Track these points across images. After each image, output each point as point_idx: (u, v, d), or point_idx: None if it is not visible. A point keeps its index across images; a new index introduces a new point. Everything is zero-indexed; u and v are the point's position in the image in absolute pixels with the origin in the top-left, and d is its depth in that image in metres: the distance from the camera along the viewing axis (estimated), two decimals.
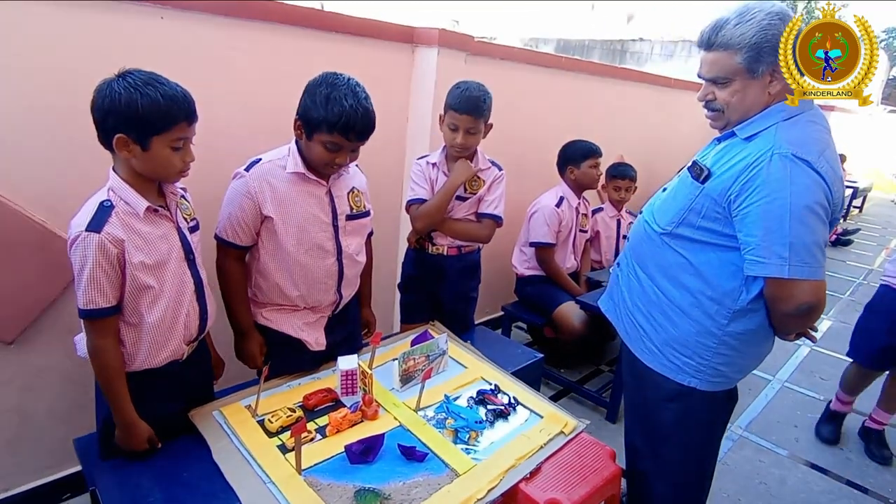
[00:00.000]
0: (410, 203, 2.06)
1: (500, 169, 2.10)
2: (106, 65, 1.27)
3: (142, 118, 1.15)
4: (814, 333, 1.40)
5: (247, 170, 1.52)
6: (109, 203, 1.21)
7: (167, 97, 1.18)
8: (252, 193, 1.51)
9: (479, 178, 2.04)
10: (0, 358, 1.62)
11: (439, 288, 2.15)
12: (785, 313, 1.22)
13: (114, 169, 1.25)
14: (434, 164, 2.06)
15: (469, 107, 1.88)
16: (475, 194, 2.04)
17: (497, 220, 2.07)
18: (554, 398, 2.74)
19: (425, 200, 2.03)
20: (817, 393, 3.08)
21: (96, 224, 1.17)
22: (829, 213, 1.17)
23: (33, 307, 1.63)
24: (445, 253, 2.10)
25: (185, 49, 1.73)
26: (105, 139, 1.20)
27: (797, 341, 1.49)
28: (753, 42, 1.17)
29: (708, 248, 1.29)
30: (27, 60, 1.47)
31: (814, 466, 2.42)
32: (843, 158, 7.56)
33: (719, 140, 1.34)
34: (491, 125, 2.00)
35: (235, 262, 1.62)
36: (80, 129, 1.59)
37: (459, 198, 2.03)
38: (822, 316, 3.75)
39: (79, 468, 1.68)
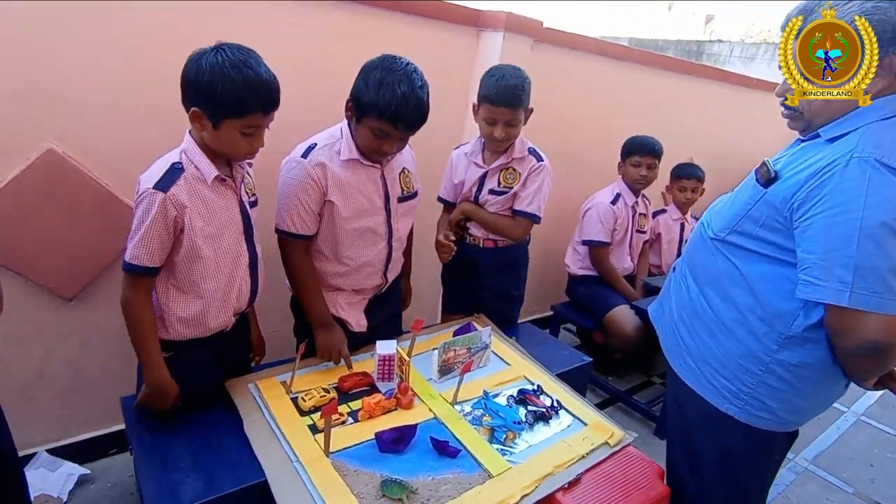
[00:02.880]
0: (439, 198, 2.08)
1: (541, 160, 1.88)
2: (171, 36, 1.28)
3: (218, 100, 1.16)
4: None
5: (304, 156, 1.48)
6: (180, 165, 1.23)
7: (249, 84, 1.16)
8: (316, 178, 1.47)
9: (514, 169, 1.88)
10: (61, 313, 1.69)
11: (475, 281, 2.04)
12: (847, 350, 1.03)
13: (190, 132, 1.27)
14: (466, 154, 1.94)
15: (506, 98, 1.70)
16: (510, 188, 1.88)
17: (533, 219, 1.89)
18: (600, 406, 2.59)
19: (445, 200, 2.05)
20: None
21: (164, 184, 1.19)
22: None
23: (93, 266, 1.68)
24: (481, 245, 1.99)
25: (250, 24, 1.73)
26: (185, 106, 1.22)
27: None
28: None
29: (764, 260, 1.13)
30: (98, 30, 1.51)
31: None
32: None
33: (803, 140, 1.17)
34: (531, 110, 1.83)
35: (304, 254, 1.57)
36: (149, 98, 1.63)
37: (493, 192, 1.90)
38: None
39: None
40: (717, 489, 1.31)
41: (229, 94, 1.15)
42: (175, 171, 1.21)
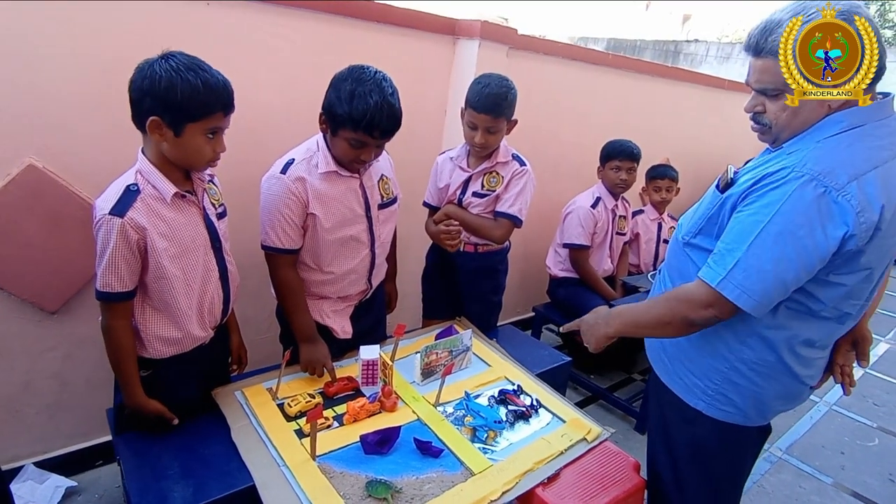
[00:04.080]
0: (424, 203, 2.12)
1: (523, 164, 1.95)
2: (151, 50, 1.31)
3: (179, 103, 1.14)
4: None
5: (283, 172, 1.49)
6: (136, 187, 1.21)
7: (207, 85, 1.16)
8: (296, 192, 1.49)
9: (497, 173, 1.94)
10: (44, 327, 1.69)
11: (454, 284, 2.08)
12: (690, 320, 1.13)
13: (143, 151, 1.25)
14: (452, 159, 2.00)
15: (488, 105, 1.77)
16: (493, 191, 1.93)
17: (514, 221, 1.93)
18: (582, 404, 2.67)
19: (430, 205, 2.08)
20: (869, 419, 2.88)
21: (120, 208, 1.17)
22: (814, 259, 1.02)
23: (76, 279, 1.69)
24: (462, 248, 2.01)
25: (229, 35, 1.76)
26: (139, 120, 1.20)
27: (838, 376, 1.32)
28: None
29: None
30: (77, 45, 1.53)
31: (859, 497, 2.26)
32: None
33: (771, 151, 1.22)
34: (515, 121, 1.89)
35: (290, 268, 1.59)
36: (125, 110, 1.65)
37: (476, 194, 1.95)
38: (877, 338, 3.49)
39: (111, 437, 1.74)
40: (693, 482, 1.37)
41: (191, 97, 1.14)
42: (130, 194, 1.19)
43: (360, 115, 1.39)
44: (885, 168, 1.04)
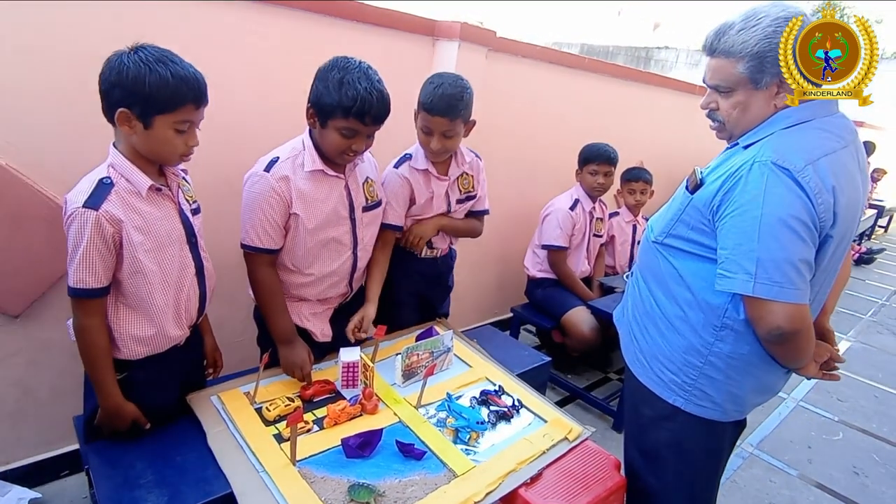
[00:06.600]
0: (385, 227, 1.80)
1: (479, 156, 1.99)
2: (122, 45, 1.28)
3: (148, 95, 1.12)
4: (835, 373, 1.31)
5: (266, 170, 1.46)
6: (109, 180, 1.17)
7: (177, 77, 1.14)
8: (280, 191, 1.45)
9: (467, 174, 1.93)
10: (6, 331, 1.62)
11: (427, 288, 2.03)
12: (762, 338, 1.13)
13: (114, 145, 1.22)
14: (423, 171, 1.83)
15: (442, 107, 1.64)
16: (470, 192, 1.95)
17: (486, 212, 2.06)
18: (560, 404, 2.68)
19: (395, 226, 1.82)
20: (833, 414, 2.98)
21: (94, 201, 1.14)
22: (812, 230, 1.06)
23: (41, 282, 1.62)
24: (439, 255, 2.00)
25: (203, 31, 1.72)
26: (108, 112, 1.17)
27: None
28: (756, 51, 1.09)
29: (696, 258, 1.22)
30: (43, 40, 1.47)
31: (826, 490, 2.34)
32: (881, 172, 7.32)
33: (728, 149, 1.27)
34: (474, 122, 1.79)
35: (269, 268, 1.56)
36: (93, 106, 1.58)
37: (460, 200, 1.94)
38: (839, 336, 3.62)
39: (78, 446, 1.67)
40: (671, 479, 1.39)
41: (160, 88, 1.12)
42: (104, 187, 1.16)
43: (351, 101, 1.37)
44: (835, 156, 1.10)
